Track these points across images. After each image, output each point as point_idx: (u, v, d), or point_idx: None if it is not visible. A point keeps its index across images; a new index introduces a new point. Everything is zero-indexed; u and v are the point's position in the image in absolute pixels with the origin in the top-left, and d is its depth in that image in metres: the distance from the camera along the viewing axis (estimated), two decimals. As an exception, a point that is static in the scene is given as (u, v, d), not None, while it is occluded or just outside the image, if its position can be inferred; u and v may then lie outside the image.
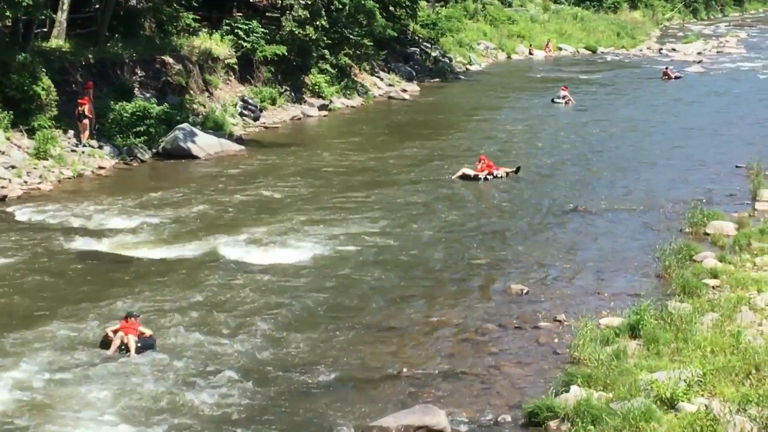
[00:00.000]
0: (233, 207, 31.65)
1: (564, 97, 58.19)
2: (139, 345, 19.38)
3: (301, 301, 22.69)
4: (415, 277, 25.16)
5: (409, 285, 24.52)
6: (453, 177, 37.38)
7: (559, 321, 21.67)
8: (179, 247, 26.90)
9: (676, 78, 71.43)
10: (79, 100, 37.12)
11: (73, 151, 36.16)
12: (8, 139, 34.41)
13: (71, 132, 36.90)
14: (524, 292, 23.85)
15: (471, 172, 37.25)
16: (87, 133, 37.13)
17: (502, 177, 37.45)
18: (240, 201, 32.40)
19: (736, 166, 38.71)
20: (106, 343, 19.63)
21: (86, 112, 36.93)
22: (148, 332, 19.84)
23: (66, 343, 19.55)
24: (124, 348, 19.39)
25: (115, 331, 19.59)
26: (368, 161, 39.71)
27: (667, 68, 74.01)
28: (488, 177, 37.15)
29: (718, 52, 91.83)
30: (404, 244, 27.89)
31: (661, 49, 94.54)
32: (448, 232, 29.41)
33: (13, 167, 33.33)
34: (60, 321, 20.68)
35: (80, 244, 26.97)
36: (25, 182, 33.02)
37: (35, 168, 34.02)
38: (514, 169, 38.23)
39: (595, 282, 24.88)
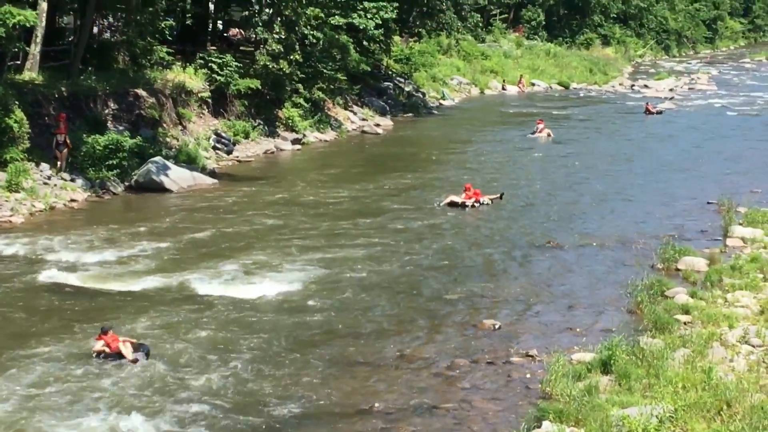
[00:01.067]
0: (206, 240, 31.61)
1: (540, 131, 58.79)
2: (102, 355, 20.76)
3: (272, 334, 22.68)
4: (387, 312, 25.12)
5: (381, 319, 24.51)
6: (441, 204, 38.37)
7: (531, 356, 21.71)
8: (151, 280, 26.81)
9: (657, 113, 72.21)
10: (57, 130, 37.31)
11: (45, 183, 36.05)
12: (-21, 171, 34.35)
13: (43, 165, 36.81)
14: (496, 327, 23.88)
15: (458, 200, 38.24)
16: (64, 162, 37.22)
17: (487, 204, 38.54)
18: (212, 234, 32.35)
19: (708, 202, 38.89)
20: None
21: (66, 141, 37.21)
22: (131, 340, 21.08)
23: (35, 376, 19.48)
24: (112, 357, 20.62)
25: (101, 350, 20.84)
26: (342, 195, 39.71)
27: (648, 103, 74.89)
28: (475, 204, 38.23)
29: (689, 88, 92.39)
30: (377, 278, 27.90)
31: (633, 85, 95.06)
32: (421, 267, 29.40)
33: (-16, 200, 33.25)
34: (31, 352, 20.62)
35: (51, 277, 26.86)
36: (-3, 215, 32.95)
37: (7, 201, 33.90)
38: (499, 195, 39.70)
39: (567, 317, 24.92)
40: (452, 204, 38.28)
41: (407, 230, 34.13)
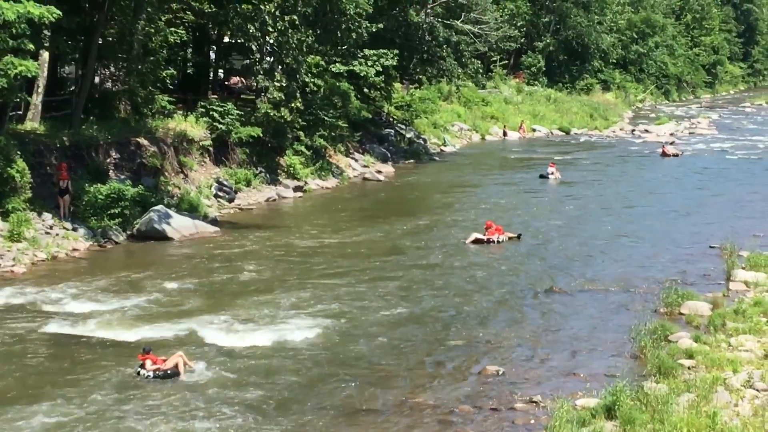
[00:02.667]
0: (208, 289, 31.63)
1: (552, 174, 60.05)
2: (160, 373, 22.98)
3: (276, 383, 22.70)
4: (391, 359, 25.12)
5: (384, 365, 24.52)
6: (466, 242, 40.33)
7: (535, 402, 21.70)
8: (154, 329, 26.83)
9: (674, 155, 73.09)
10: (58, 177, 37.57)
11: (47, 233, 36.08)
12: (-18, 221, 34.43)
13: (45, 214, 36.89)
14: (500, 373, 23.88)
15: (482, 237, 40.37)
16: (67, 210, 37.50)
17: (503, 241, 40.63)
18: (215, 283, 32.41)
19: (710, 246, 38.99)
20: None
21: (68, 187, 37.44)
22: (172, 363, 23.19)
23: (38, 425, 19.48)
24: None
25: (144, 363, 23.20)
26: (343, 242, 39.77)
27: (664, 146, 75.99)
28: (499, 240, 40.46)
29: (690, 133, 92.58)
30: (381, 324, 27.94)
31: (633, 130, 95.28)
32: (425, 313, 29.42)
33: (-14, 250, 33.32)
34: (35, 404, 20.60)
35: (54, 327, 26.89)
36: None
37: (9, 251, 33.92)
38: (517, 235, 41.52)
39: (571, 362, 24.92)
40: (477, 241, 40.25)
41: (411, 275, 34.26)
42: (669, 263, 36.53)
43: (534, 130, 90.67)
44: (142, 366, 23.17)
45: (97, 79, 47.36)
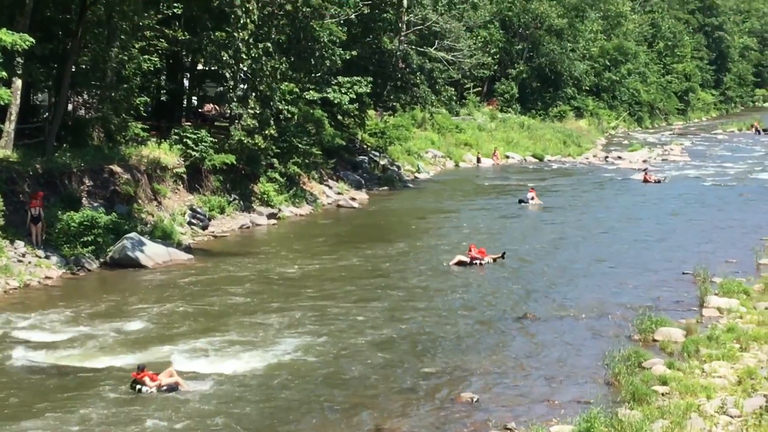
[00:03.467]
0: (181, 317, 31.51)
1: (532, 199, 60.83)
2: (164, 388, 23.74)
3: (248, 411, 22.66)
4: (365, 386, 25.09)
5: (358, 393, 24.49)
6: (450, 264, 41.31)
7: (510, 429, 21.70)
8: (128, 357, 26.74)
9: (656, 182, 73.91)
10: (30, 204, 37.46)
11: (19, 261, 35.93)
12: (-47, 249, 34.29)
13: (18, 242, 36.74)
14: (474, 400, 23.90)
15: (465, 258, 41.37)
16: (39, 237, 37.41)
17: (489, 262, 41.68)
18: (188, 311, 32.29)
19: (683, 273, 39.12)
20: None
21: (40, 214, 37.39)
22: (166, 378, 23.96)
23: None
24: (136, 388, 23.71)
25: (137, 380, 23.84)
26: (318, 269, 39.76)
27: (646, 172, 77.15)
28: (481, 262, 41.39)
29: (663, 159, 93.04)
30: (353, 351, 27.94)
31: (607, 156, 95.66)
32: (400, 339, 29.43)
33: (-42, 278, 33.20)
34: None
35: (26, 356, 26.75)
36: (-29, 293, 32.84)
37: (-19, 279, 33.82)
38: (501, 254, 42.60)
39: (546, 389, 24.95)
40: (460, 263, 41.19)
41: (386, 301, 34.27)
42: (643, 289, 36.66)
43: (508, 157, 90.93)
44: (140, 383, 23.74)
45: (70, 107, 47.26)
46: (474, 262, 41.43)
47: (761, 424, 20.00)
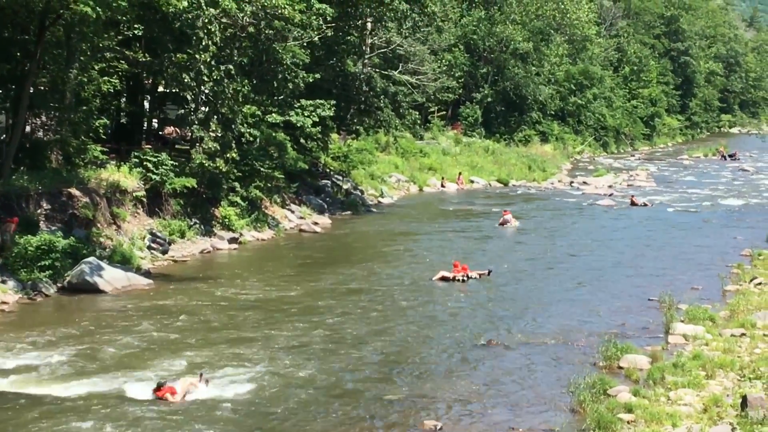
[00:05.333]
0: (140, 342, 31.40)
1: (509, 222, 61.98)
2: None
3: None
4: (327, 413, 25.08)
5: (319, 421, 24.47)
6: (433, 279, 43.27)
7: (474, 457, 21.80)
8: (85, 384, 26.66)
9: (643, 205, 75.13)
10: None
11: (-26, 286, 35.83)
12: None
13: (-27, 266, 36.63)
14: (438, 427, 23.95)
15: (449, 275, 43.13)
16: None
17: (475, 278, 43.68)
18: (147, 336, 32.17)
19: (649, 299, 39.38)
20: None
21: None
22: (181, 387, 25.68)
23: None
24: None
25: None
26: (280, 294, 39.73)
27: (633, 196, 78.16)
28: (464, 278, 43.21)
29: (628, 185, 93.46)
30: (315, 378, 27.95)
31: (572, 182, 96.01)
32: (362, 365, 29.48)
33: None
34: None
35: (-20, 382, 26.67)
36: (-75, 318, 32.62)
37: (-64, 303, 33.63)
38: (487, 271, 44.54)
39: (510, 417, 25.03)
40: (443, 279, 43.10)
41: (347, 326, 34.30)
42: (608, 315, 36.90)
43: (472, 182, 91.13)
44: (161, 398, 25.37)
45: (28, 128, 47.07)
46: (456, 278, 42.89)
47: (726, 452, 20.20)
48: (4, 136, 46.00)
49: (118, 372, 27.99)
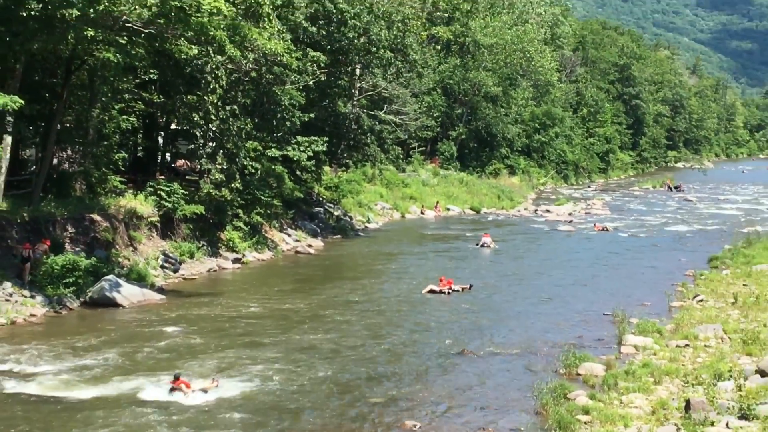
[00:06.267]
0: (154, 351, 31.39)
1: (485, 244, 62.25)
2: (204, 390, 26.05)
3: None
4: (315, 414, 25.12)
5: (310, 421, 24.53)
6: (423, 292, 44.32)
7: (449, 454, 21.78)
8: (104, 388, 26.68)
9: (605, 230, 75.71)
10: (23, 246, 37.63)
11: (7, 300, 35.67)
12: (-53, 289, 34.00)
13: (6, 283, 36.49)
14: (416, 427, 23.95)
15: (437, 288, 44.32)
16: (26, 274, 37.39)
17: (458, 291, 44.58)
18: (160, 346, 32.16)
19: (604, 314, 39.45)
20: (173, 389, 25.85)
21: (29, 256, 37.47)
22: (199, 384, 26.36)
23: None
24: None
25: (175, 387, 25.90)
26: (279, 308, 39.68)
27: (596, 224, 78.71)
28: (449, 291, 44.25)
29: (586, 213, 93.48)
30: (307, 384, 27.96)
31: (536, 210, 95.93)
32: (350, 372, 29.46)
33: (-50, 315, 32.90)
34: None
35: (12, 386, 26.62)
36: (-38, 329, 32.51)
37: (-29, 316, 33.51)
38: (468, 286, 45.62)
39: (481, 418, 25.04)
40: (432, 291, 44.25)
41: (340, 336, 34.29)
42: (568, 328, 36.94)
43: (448, 209, 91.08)
44: (177, 389, 25.86)
45: (55, 161, 47.09)
46: (442, 291, 43.84)
47: (672, 450, 20.25)
48: (34, 167, 46.01)
49: (135, 376, 27.98)
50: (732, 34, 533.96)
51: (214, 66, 49.63)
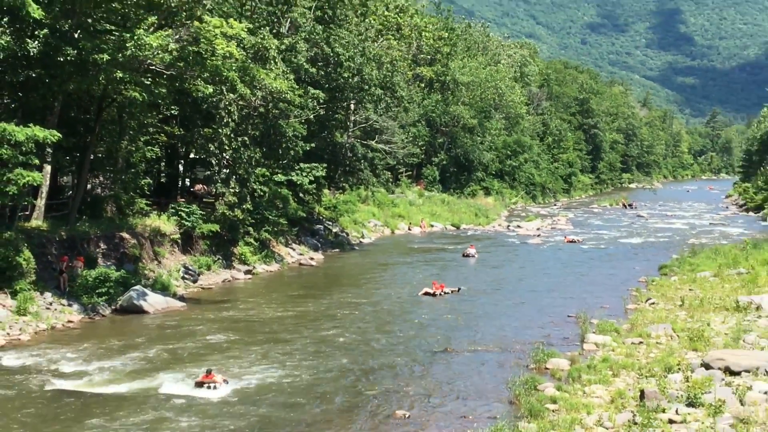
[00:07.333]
0: (176, 352, 31.37)
1: (469, 254, 62.60)
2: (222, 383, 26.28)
3: (225, 423, 22.62)
4: (318, 405, 25.13)
5: (314, 410, 24.56)
6: (419, 294, 45.06)
7: (435, 439, 21.77)
8: (134, 384, 26.71)
9: (570, 242, 75.89)
10: (60, 259, 37.78)
11: (47, 308, 35.64)
12: (-6, 299, 33.96)
13: (47, 293, 36.44)
14: (407, 416, 23.96)
15: (431, 290, 45.08)
16: (65, 284, 37.46)
17: (449, 293, 45.07)
18: (181, 346, 32.14)
19: (568, 316, 39.46)
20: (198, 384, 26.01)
21: (66, 268, 37.59)
22: (220, 378, 26.40)
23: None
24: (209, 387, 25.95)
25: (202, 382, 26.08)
26: (286, 312, 39.66)
27: (566, 236, 78.83)
28: (442, 293, 44.79)
29: (552, 227, 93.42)
30: (311, 377, 28.06)
31: (509, 225, 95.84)
32: (350, 368, 29.48)
33: (-2, 322, 32.81)
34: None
35: (53, 383, 26.61)
36: (8, 334, 32.45)
37: (16, 322, 33.47)
38: (457, 289, 46.21)
39: (462, 407, 25.05)
40: (427, 294, 44.84)
41: (342, 337, 34.31)
42: (537, 329, 36.92)
43: (432, 226, 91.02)
44: (208, 382, 26.00)
45: (89, 186, 47.07)
46: (435, 294, 44.33)
47: (629, 433, 20.26)
48: (71, 192, 45.97)
49: (160, 372, 27.99)
50: (677, 71, 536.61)
51: (227, 103, 49.72)
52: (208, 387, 25.94)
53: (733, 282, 44.08)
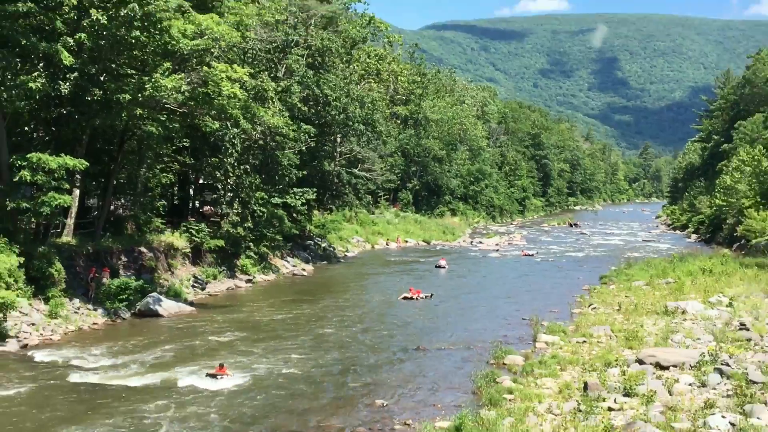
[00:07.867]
0: (187, 349, 31.26)
1: (441, 265, 62.84)
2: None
3: (227, 412, 22.53)
4: (309, 396, 25.10)
5: (304, 400, 24.53)
6: (399, 298, 45.23)
7: (408, 424, 21.84)
8: (151, 377, 26.61)
9: (527, 255, 75.82)
10: (89, 271, 37.85)
11: (75, 312, 35.47)
12: (30, 305, 33.71)
13: (75, 299, 36.27)
14: (384, 405, 23.98)
15: (409, 295, 45.45)
16: (93, 292, 37.45)
17: (423, 298, 45.25)
18: (193, 345, 32.05)
19: (523, 318, 39.57)
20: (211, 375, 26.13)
21: (94, 277, 37.76)
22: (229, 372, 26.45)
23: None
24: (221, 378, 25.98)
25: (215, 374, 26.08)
26: (284, 315, 39.58)
27: (522, 249, 78.96)
28: (418, 298, 45.08)
29: (509, 243, 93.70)
30: (303, 372, 28.02)
31: (472, 241, 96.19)
32: (336, 364, 29.47)
33: (33, 324, 32.65)
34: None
35: (80, 377, 26.48)
36: (42, 334, 32.26)
37: (49, 324, 33.28)
38: (430, 294, 46.26)
39: (432, 397, 25.10)
40: (406, 298, 45.04)
41: (331, 337, 34.25)
42: (496, 329, 37.01)
43: (407, 242, 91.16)
44: (222, 375, 26.03)
45: (112, 207, 46.83)
46: (412, 298, 44.53)
47: (574, 420, 20.33)
48: (96, 212, 45.74)
49: (177, 367, 27.91)
50: (615, 110, 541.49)
51: (231, 136, 49.69)
52: (221, 378, 25.89)
53: (663, 290, 44.33)
